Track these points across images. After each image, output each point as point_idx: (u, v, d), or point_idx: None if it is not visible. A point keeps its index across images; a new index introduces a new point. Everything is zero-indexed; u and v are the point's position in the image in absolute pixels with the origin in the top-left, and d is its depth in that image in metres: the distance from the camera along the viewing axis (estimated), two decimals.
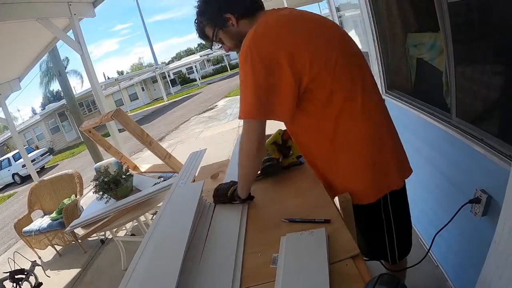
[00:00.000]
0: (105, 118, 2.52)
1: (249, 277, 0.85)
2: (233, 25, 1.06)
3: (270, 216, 1.11)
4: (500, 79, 1.20)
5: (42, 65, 21.46)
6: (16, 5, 3.01)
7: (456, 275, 1.64)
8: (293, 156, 1.40)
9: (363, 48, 2.81)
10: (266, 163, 1.32)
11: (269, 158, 1.33)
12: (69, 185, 4.00)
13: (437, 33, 1.40)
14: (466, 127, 1.30)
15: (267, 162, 1.32)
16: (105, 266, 3.26)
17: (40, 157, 15.78)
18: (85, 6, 3.80)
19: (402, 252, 1.24)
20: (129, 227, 3.58)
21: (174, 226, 1.14)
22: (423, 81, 1.89)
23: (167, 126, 12.93)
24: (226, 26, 1.07)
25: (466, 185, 1.33)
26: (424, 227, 2.03)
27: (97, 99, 3.99)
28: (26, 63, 5.05)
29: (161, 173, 3.09)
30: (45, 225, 3.53)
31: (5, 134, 21.85)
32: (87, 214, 2.55)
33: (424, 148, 1.78)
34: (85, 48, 3.70)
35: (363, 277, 0.75)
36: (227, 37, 1.09)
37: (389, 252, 1.21)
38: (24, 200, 4.63)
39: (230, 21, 1.06)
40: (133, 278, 0.94)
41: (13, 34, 3.59)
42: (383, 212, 1.13)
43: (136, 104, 29.37)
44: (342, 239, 0.88)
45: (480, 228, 1.25)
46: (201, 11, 1.09)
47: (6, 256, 4.36)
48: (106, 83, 21.55)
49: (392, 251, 1.21)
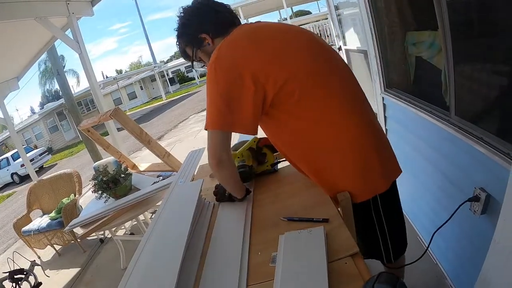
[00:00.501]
0: (103, 117, 2.52)
1: (249, 275, 0.85)
2: (209, 44, 1.13)
3: (268, 215, 1.11)
4: (499, 77, 1.20)
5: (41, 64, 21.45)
6: (14, 4, 3.00)
7: (455, 273, 1.64)
8: (267, 164, 1.43)
9: (362, 47, 2.82)
10: (239, 169, 1.34)
11: (242, 165, 1.35)
12: (68, 184, 3.99)
13: (436, 31, 1.40)
14: (465, 125, 1.30)
15: (240, 169, 1.33)
16: (104, 265, 3.26)
17: (39, 156, 15.76)
18: (84, 5, 3.79)
19: (397, 251, 1.24)
20: (128, 226, 3.58)
21: (173, 225, 1.14)
22: (422, 79, 1.89)
23: (166, 124, 12.91)
24: (203, 46, 1.14)
25: (465, 184, 1.33)
26: (423, 225, 2.03)
27: (96, 98, 3.98)
28: (24, 63, 5.04)
29: (160, 172, 3.09)
30: (44, 225, 3.53)
31: (3, 133, 21.80)
32: (86, 213, 2.55)
33: (423, 147, 1.78)
34: (83, 47, 3.69)
35: (363, 275, 0.75)
36: (205, 55, 1.15)
37: (384, 252, 1.21)
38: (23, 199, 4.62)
39: (206, 40, 1.13)
40: (132, 277, 0.94)
41: (11, 33, 3.57)
42: (374, 213, 1.14)
43: (135, 103, 29.32)
44: (341, 237, 0.89)
45: (479, 226, 1.26)
46: (179, 34, 1.16)
47: (6, 256, 4.36)
48: (104, 82, 21.53)
49: (387, 251, 1.21)
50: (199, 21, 1.11)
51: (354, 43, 3.24)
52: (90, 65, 3.81)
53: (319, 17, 17.77)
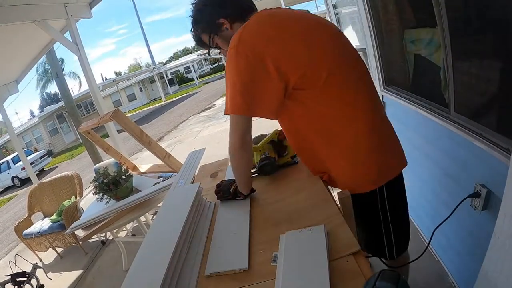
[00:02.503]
0: (103, 119, 2.52)
1: (251, 274, 0.85)
2: (227, 29, 1.10)
3: (269, 214, 1.11)
4: (498, 73, 1.20)
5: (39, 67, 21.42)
6: (13, 7, 3.00)
7: (456, 269, 1.64)
8: (288, 156, 1.43)
9: (361, 45, 2.82)
10: (263, 161, 1.33)
11: (266, 157, 1.34)
12: (68, 187, 3.99)
13: (434, 28, 1.40)
14: (464, 122, 1.30)
15: (264, 161, 1.33)
16: (106, 267, 3.26)
17: (39, 159, 15.76)
18: (82, 7, 3.80)
19: (400, 247, 1.24)
20: (130, 228, 3.58)
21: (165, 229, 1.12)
22: (421, 76, 1.89)
23: (166, 126, 12.91)
24: (221, 31, 1.11)
25: (466, 180, 1.33)
26: (423, 222, 2.03)
27: (95, 100, 3.98)
28: (23, 66, 5.04)
29: (161, 173, 3.09)
30: (46, 227, 3.53)
31: (4, 137, 21.79)
32: (87, 215, 2.55)
33: (423, 144, 1.78)
34: (82, 50, 3.70)
35: (364, 273, 0.75)
36: (223, 42, 1.12)
37: (387, 247, 1.21)
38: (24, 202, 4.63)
39: (224, 25, 1.10)
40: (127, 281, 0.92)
41: (10, 37, 3.58)
42: (380, 206, 1.13)
43: (135, 105, 29.30)
44: (342, 235, 0.88)
45: (480, 222, 1.26)
46: (195, 20, 1.13)
47: (7, 259, 4.36)
48: (104, 84, 21.49)
49: (390, 246, 1.21)
50: (218, 5, 1.08)
51: (352, 42, 3.20)
52: (89, 67, 3.82)
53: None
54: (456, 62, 1.29)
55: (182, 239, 1.00)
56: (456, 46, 1.26)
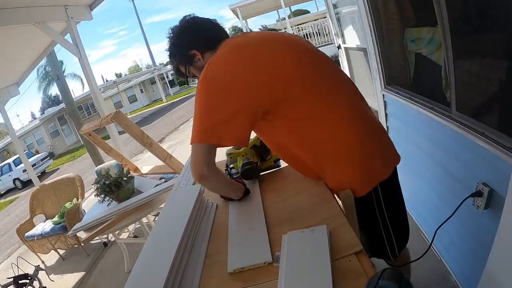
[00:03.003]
0: (105, 120, 2.52)
1: (253, 275, 0.85)
2: (200, 60, 1.16)
3: (271, 214, 1.11)
4: (499, 72, 1.19)
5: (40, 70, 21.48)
6: (13, 10, 3.01)
7: (459, 269, 1.64)
8: (271, 160, 1.45)
9: (361, 44, 2.82)
10: (245, 166, 1.34)
11: (248, 162, 1.35)
12: (70, 188, 4.00)
13: (435, 27, 1.40)
14: (466, 121, 1.30)
15: (247, 166, 1.34)
16: (108, 268, 3.26)
17: (41, 161, 15.80)
18: (82, 9, 3.80)
19: (400, 243, 1.24)
20: (132, 229, 3.58)
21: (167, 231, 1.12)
22: (422, 75, 1.89)
23: (167, 127, 12.93)
24: (194, 62, 1.17)
25: (468, 179, 1.33)
26: (426, 221, 2.03)
27: (96, 102, 3.99)
28: (24, 68, 5.06)
29: (162, 174, 3.09)
30: (48, 229, 3.53)
31: (5, 139, 21.85)
32: (89, 217, 2.55)
33: (425, 143, 1.78)
34: (83, 51, 3.70)
35: (367, 272, 0.75)
36: (197, 71, 1.18)
37: (389, 248, 1.21)
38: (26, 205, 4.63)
39: (196, 56, 1.16)
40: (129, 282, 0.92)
41: (11, 39, 3.59)
42: (376, 206, 1.13)
43: (135, 106, 29.36)
44: (344, 235, 0.88)
45: (483, 221, 1.25)
46: (171, 54, 1.21)
47: (10, 261, 4.37)
48: (104, 86, 21.53)
49: (391, 246, 1.21)
50: (188, 39, 1.15)
51: (353, 41, 3.24)
52: (90, 69, 3.82)
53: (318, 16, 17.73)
54: (457, 61, 1.29)
55: (184, 241, 1.00)
56: (457, 44, 1.26)
